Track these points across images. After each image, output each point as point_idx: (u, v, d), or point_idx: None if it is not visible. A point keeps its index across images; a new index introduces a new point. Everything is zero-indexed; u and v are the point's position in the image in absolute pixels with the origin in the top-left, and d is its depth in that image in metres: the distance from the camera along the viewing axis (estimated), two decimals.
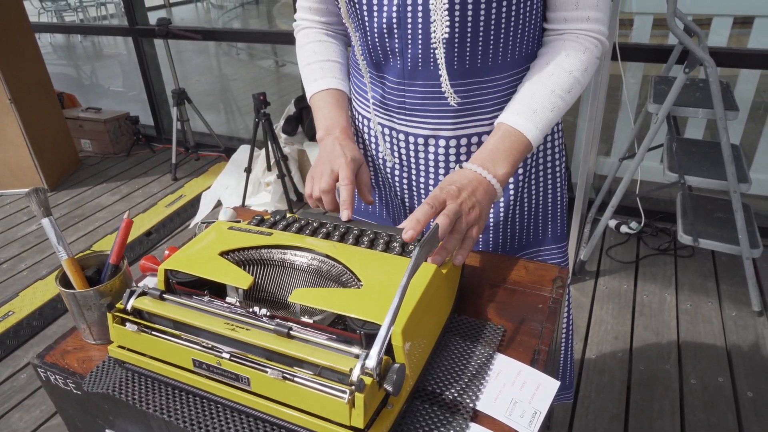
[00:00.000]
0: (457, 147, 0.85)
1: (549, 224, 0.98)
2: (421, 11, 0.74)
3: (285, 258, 0.68)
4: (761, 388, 1.72)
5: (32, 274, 2.51)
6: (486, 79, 0.80)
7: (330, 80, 0.89)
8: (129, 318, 0.61)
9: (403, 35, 0.77)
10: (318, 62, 0.91)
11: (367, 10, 0.78)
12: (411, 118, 0.84)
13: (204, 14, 9.03)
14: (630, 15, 2.55)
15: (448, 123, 0.83)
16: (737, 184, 1.88)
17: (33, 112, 3.09)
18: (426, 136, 0.85)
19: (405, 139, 0.87)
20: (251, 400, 0.55)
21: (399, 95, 0.83)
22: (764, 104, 2.55)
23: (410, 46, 0.78)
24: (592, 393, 1.75)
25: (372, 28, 0.79)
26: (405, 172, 0.91)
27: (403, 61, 0.80)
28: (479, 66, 0.79)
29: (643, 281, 2.24)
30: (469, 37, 0.75)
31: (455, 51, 0.76)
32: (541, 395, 0.59)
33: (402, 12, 0.75)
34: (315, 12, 0.92)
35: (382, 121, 0.89)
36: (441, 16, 0.73)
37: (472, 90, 0.80)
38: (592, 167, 2.67)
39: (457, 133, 0.84)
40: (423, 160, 0.87)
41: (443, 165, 0.86)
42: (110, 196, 3.19)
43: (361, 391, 0.48)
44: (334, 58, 0.92)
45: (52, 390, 0.72)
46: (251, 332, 0.56)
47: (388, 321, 0.50)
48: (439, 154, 0.86)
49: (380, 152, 0.92)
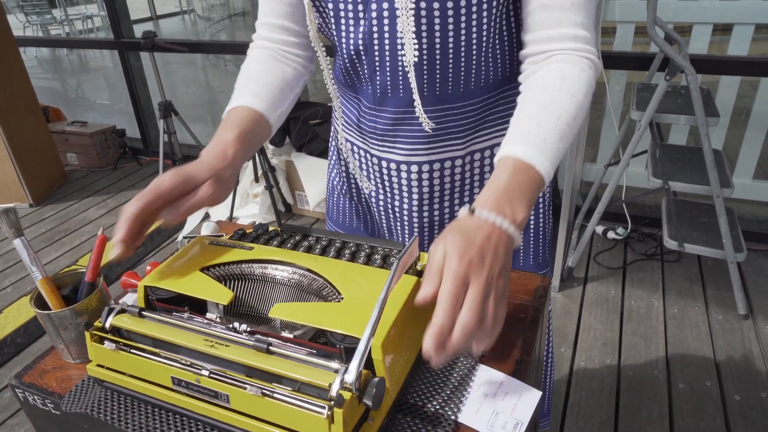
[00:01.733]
0: (430, 171, 0.84)
1: (531, 251, 0.95)
2: (387, 37, 0.73)
3: (266, 272, 0.68)
4: (748, 391, 1.74)
5: (16, 290, 2.48)
6: (459, 105, 0.78)
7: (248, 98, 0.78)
8: (107, 336, 0.60)
9: (371, 61, 0.76)
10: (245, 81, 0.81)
11: (336, 34, 0.77)
12: (383, 144, 0.83)
13: (191, 26, 9.04)
14: (613, 23, 2.59)
15: (421, 149, 0.81)
16: (720, 189, 1.90)
17: (17, 127, 3.06)
18: (398, 161, 0.84)
19: (378, 163, 0.86)
20: (231, 418, 0.55)
21: (371, 120, 0.82)
22: (746, 109, 2.59)
23: (378, 72, 0.76)
24: (582, 399, 1.75)
25: (342, 51, 0.78)
26: (381, 194, 0.91)
27: (372, 86, 0.78)
28: (451, 91, 0.77)
29: (630, 287, 2.25)
30: (438, 62, 0.74)
31: (425, 76, 0.75)
32: (523, 406, 0.59)
33: (368, 38, 0.74)
34: (272, 29, 0.85)
35: (357, 143, 0.88)
36: (410, 40, 0.71)
37: (445, 116, 0.79)
38: (578, 174, 2.69)
39: (431, 158, 0.82)
40: (396, 184, 0.86)
41: (416, 190, 0.86)
42: (97, 210, 3.16)
43: (340, 406, 0.48)
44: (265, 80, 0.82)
45: (30, 410, 0.70)
46: (230, 348, 0.56)
47: (366, 335, 0.50)
48: (412, 180, 0.85)
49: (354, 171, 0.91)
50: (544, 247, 0.96)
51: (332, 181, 1.02)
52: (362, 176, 0.91)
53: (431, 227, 0.90)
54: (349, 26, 0.75)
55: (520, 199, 0.61)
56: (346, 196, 0.98)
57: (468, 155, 0.84)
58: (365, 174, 0.90)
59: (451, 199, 0.87)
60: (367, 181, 0.91)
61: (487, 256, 0.55)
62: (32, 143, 3.19)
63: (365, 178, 0.90)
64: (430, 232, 0.90)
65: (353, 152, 0.90)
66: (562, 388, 1.79)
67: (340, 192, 1.00)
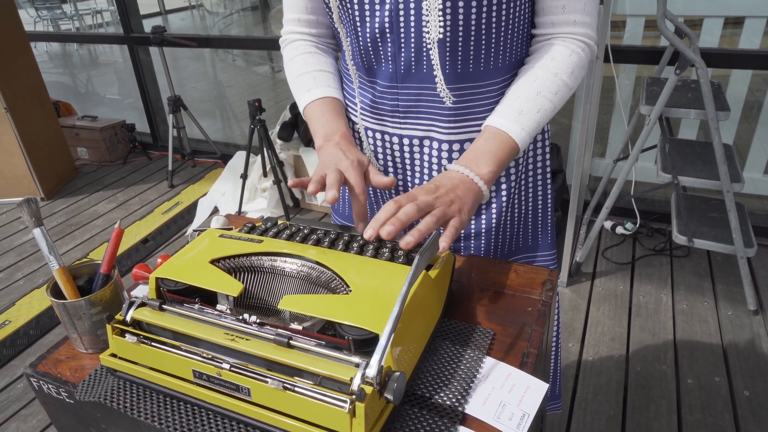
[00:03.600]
0: (450, 151, 0.85)
1: (539, 231, 0.98)
2: (413, 14, 0.75)
3: (275, 265, 0.69)
4: (757, 386, 1.73)
5: (29, 283, 2.51)
6: (479, 84, 0.81)
7: (324, 89, 0.87)
8: (129, 329, 0.61)
9: (396, 39, 0.78)
10: (310, 72, 0.89)
11: (359, 15, 0.79)
12: (405, 121, 0.85)
13: (200, 21, 9.05)
14: (622, 17, 2.57)
15: (442, 124, 0.83)
16: (730, 184, 1.89)
17: (29, 121, 3.09)
18: (420, 137, 0.85)
19: (399, 141, 0.87)
20: (251, 411, 0.55)
21: (392, 98, 0.83)
22: (757, 103, 2.57)
23: (403, 49, 0.78)
24: (589, 394, 1.75)
25: (365, 33, 0.80)
26: (400, 175, 0.91)
27: (395, 64, 0.80)
28: (471, 70, 0.79)
29: (639, 282, 2.25)
30: (461, 40, 0.76)
31: (447, 53, 0.77)
32: (530, 398, 0.59)
33: (395, 16, 0.76)
34: (304, 24, 0.91)
35: (373, 126, 0.89)
36: (435, 17, 0.73)
37: (466, 94, 0.81)
38: (586, 169, 2.68)
39: (450, 138, 0.84)
40: (418, 161, 0.88)
41: (436, 166, 0.87)
42: (107, 204, 3.19)
43: (362, 400, 0.48)
44: (326, 69, 0.90)
45: (45, 399, 0.72)
46: (251, 342, 0.56)
47: (388, 329, 0.51)
48: (433, 156, 0.86)
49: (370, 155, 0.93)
50: (552, 227, 0.99)
51: None
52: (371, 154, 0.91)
53: None
54: (374, 6, 0.77)
55: (488, 159, 0.74)
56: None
57: None
58: (381, 157, 0.91)
59: None
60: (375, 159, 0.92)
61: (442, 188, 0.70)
62: (43, 138, 3.22)
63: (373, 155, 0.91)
64: None
65: (372, 137, 0.91)
66: (570, 383, 1.80)
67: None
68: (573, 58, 0.78)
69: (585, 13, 0.78)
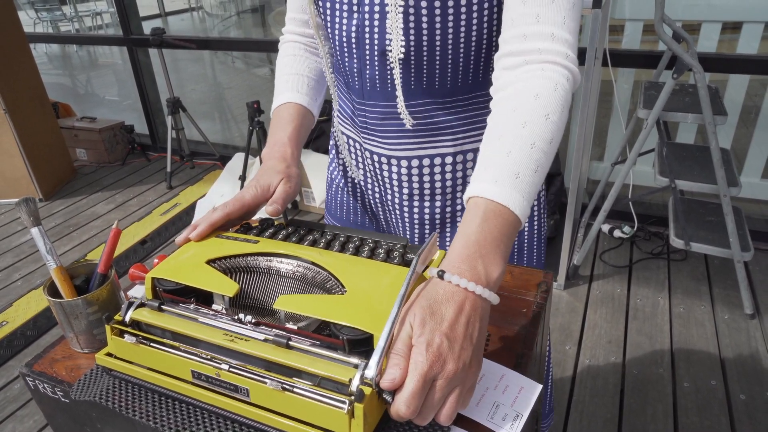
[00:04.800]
0: (420, 167, 0.84)
1: (525, 253, 0.95)
2: (377, 31, 0.74)
3: (271, 265, 0.69)
4: (754, 390, 1.73)
5: (26, 283, 2.51)
6: (444, 101, 0.79)
7: (290, 94, 0.87)
8: (127, 330, 0.61)
9: (362, 55, 0.77)
10: (285, 75, 0.90)
11: (330, 27, 0.79)
12: (373, 137, 0.85)
13: (199, 23, 9.07)
14: (621, 21, 2.58)
15: (407, 144, 0.83)
16: (727, 188, 1.90)
17: (28, 122, 3.10)
18: (388, 156, 0.85)
19: (370, 156, 0.88)
20: (250, 411, 0.55)
21: (361, 114, 0.84)
22: (755, 108, 2.58)
23: (368, 66, 0.78)
24: (586, 397, 1.75)
25: (335, 45, 0.80)
26: (376, 187, 0.92)
27: (361, 80, 0.80)
28: (437, 87, 0.77)
29: (636, 285, 2.25)
30: (425, 58, 0.74)
31: (411, 71, 0.76)
32: (524, 398, 0.59)
33: (360, 31, 0.75)
34: (300, 23, 0.93)
35: (350, 134, 0.90)
36: (397, 36, 0.72)
37: (431, 111, 0.80)
38: (584, 172, 2.69)
39: (418, 154, 0.83)
40: (387, 177, 0.88)
41: (407, 185, 0.87)
42: (105, 205, 3.19)
43: (361, 401, 0.48)
44: (302, 72, 0.90)
45: (40, 398, 0.72)
46: (250, 343, 0.56)
47: (386, 331, 0.51)
48: (402, 174, 0.86)
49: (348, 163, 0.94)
50: (539, 249, 0.95)
51: (331, 175, 1.03)
52: (352, 166, 0.93)
53: (422, 223, 0.90)
54: (342, 19, 0.76)
55: (494, 252, 0.56)
56: (345, 189, 1.00)
57: (459, 154, 0.84)
58: (360, 167, 0.92)
59: (443, 197, 0.88)
60: (356, 170, 0.93)
61: (457, 340, 0.50)
62: (42, 139, 3.23)
63: (354, 167, 0.93)
64: (421, 228, 0.91)
65: (348, 145, 0.92)
66: (567, 386, 1.80)
67: (338, 186, 1.01)
68: (559, 92, 0.62)
69: (564, 29, 0.63)
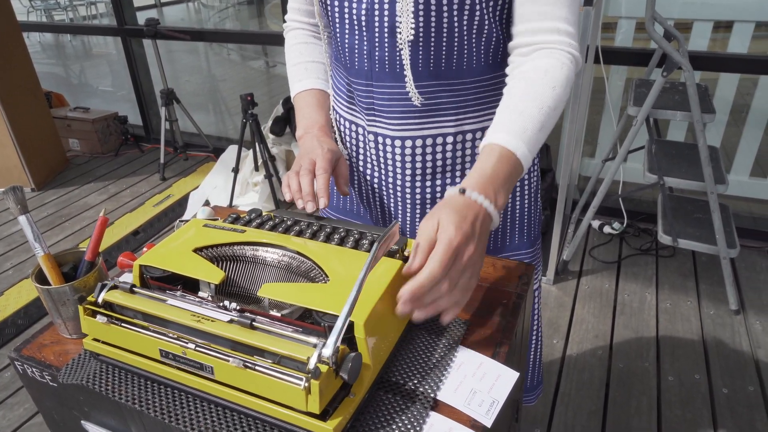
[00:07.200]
0: (423, 147, 0.87)
1: (518, 231, 0.99)
2: (387, 14, 0.77)
3: (256, 254, 0.70)
4: (736, 384, 1.76)
5: (18, 273, 2.51)
6: (451, 83, 0.82)
7: (313, 81, 0.93)
8: (99, 310, 0.63)
9: (371, 37, 0.80)
10: (303, 63, 0.94)
11: (338, 10, 0.81)
12: (378, 119, 0.87)
13: (195, 14, 9.02)
14: (614, 18, 2.59)
15: (413, 124, 0.85)
16: (714, 185, 1.92)
17: (20, 112, 3.08)
18: (393, 137, 0.87)
19: (374, 139, 0.89)
20: (215, 389, 0.57)
21: (367, 96, 0.86)
22: (746, 107, 2.60)
23: (377, 48, 0.80)
24: (572, 390, 1.78)
25: (343, 28, 0.82)
26: (376, 171, 0.93)
27: (370, 62, 0.82)
28: (443, 69, 0.81)
29: (624, 281, 2.28)
30: (433, 40, 0.77)
31: (420, 53, 0.79)
32: (500, 385, 0.61)
33: (370, 14, 0.78)
34: (303, 13, 0.96)
35: (349, 117, 0.92)
36: (407, 18, 0.75)
37: (437, 92, 0.83)
38: (575, 168, 2.71)
39: (422, 134, 0.86)
40: (390, 159, 0.89)
41: (410, 165, 0.89)
42: (98, 196, 3.19)
43: (317, 378, 0.50)
44: (318, 60, 0.95)
45: (29, 383, 0.73)
46: (215, 324, 0.58)
47: (344, 312, 0.53)
48: (406, 155, 0.88)
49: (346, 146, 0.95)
50: (535, 225, 1.01)
51: None
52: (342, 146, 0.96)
53: (423, 204, 0.92)
54: (352, 3, 0.79)
55: (503, 186, 0.69)
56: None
57: (459, 134, 0.87)
58: (361, 151, 0.94)
59: (443, 177, 0.90)
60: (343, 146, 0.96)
61: (476, 233, 0.63)
62: (35, 128, 3.22)
63: (342, 146, 0.96)
64: (423, 208, 0.93)
65: (348, 128, 0.94)
66: (553, 379, 1.82)
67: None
68: (564, 70, 0.75)
69: (567, 22, 0.75)
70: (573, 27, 0.76)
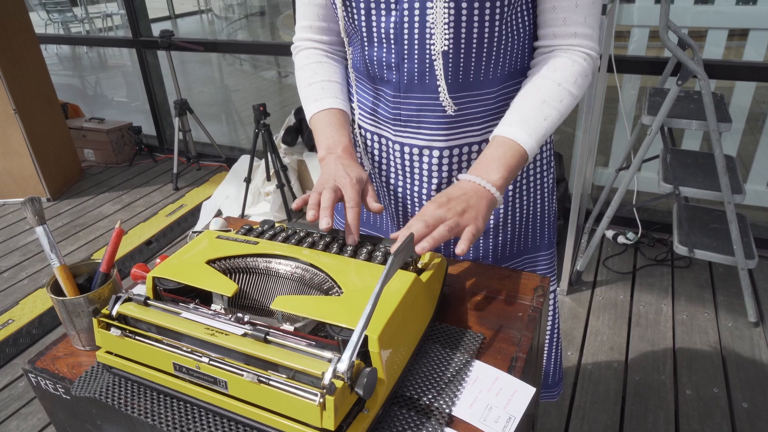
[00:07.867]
0: (450, 157, 0.87)
1: (538, 232, 1.00)
2: (417, 26, 0.77)
3: (270, 266, 0.70)
4: (756, 398, 1.72)
5: (33, 282, 2.53)
6: (479, 92, 0.83)
7: (331, 100, 0.89)
8: (114, 323, 0.62)
9: (400, 50, 0.80)
10: (318, 83, 0.91)
11: (366, 25, 0.80)
12: (405, 130, 0.86)
13: (208, 26, 9.13)
14: (627, 27, 2.58)
15: (442, 134, 0.85)
16: (731, 195, 1.89)
17: (37, 122, 3.13)
18: (420, 146, 0.87)
19: (400, 149, 0.89)
20: (229, 403, 0.57)
21: (394, 107, 0.85)
22: (762, 115, 2.57)
23: (407, 60, 0.80)
24: (587, 403, 1.75)
25: (371, 42, 0.82)
26: (400, 182, 0.93)
27: (399, 74, 0.82)
28: (472, 79, 0.81)
29: (639, 292, 2.24)
30: (463, 51, 0.78)
31: (450, 64, 0.79)
32: (517, 401, 0.60)
33: (399, 27, 0.78)
34: (315, 31, 0.93)
35: (372, 129, 0.91)
36: (440, 30, 0.76)
37: (466, 102, 0.83)
38: (588, 178, 2.69)
39: (450, 144, 0.86)
40: (417, 169, 0.89)
41: (436, 174, 0.89)
42: (112, 206, 3.22)
43: (332, 393, 0.50)
44: (334, 79, 0.92)
45: (42, 395, 0.73)
46: (230, 337, 0.58)
47: (360, 327, 0.52)
48: (432, 164, 0.88)
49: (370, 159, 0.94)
50: (551, 229, 1.02)
51: None
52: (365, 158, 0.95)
53: None
54: (380, 17, 0.79)
55: (497, 165, 0.76)
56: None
57: (484, 141, 0.87)
58: (384, 162, 0.93)
59: None
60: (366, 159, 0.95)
61: (453, 200, 0.72)
62: (51, 139, 3.26)
63: (366, 159, 0.95)
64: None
65: (371, 140, 0.93)
66: (568, 392, 1.79)
67: None
68: (575, 67, 0.80)
69: (586, 26, 0.80)
70: (592, 29, 0.81)
